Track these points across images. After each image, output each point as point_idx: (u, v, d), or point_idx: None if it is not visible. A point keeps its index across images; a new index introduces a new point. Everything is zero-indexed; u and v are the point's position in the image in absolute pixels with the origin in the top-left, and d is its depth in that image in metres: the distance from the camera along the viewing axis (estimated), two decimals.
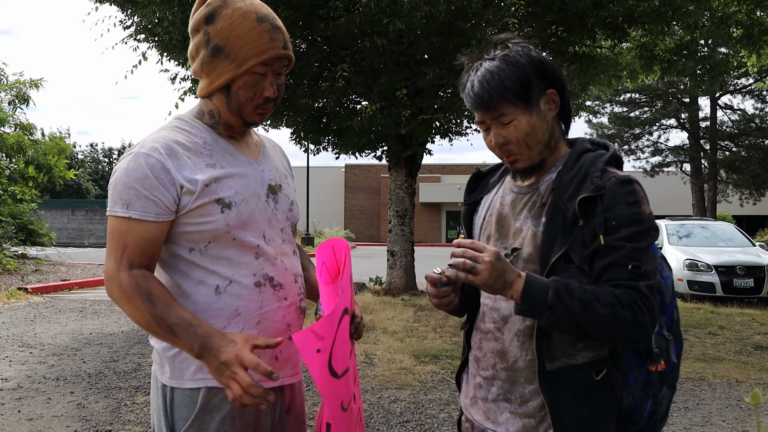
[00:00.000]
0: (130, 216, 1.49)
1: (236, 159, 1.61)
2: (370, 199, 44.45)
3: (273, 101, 1.61)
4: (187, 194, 1.51)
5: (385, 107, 9.69)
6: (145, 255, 1.51)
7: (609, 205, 1.42)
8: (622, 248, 1.40)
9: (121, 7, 9.59)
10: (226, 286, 1.55)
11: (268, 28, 1.55)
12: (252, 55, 1.53)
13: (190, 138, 1.58)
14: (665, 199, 43.23)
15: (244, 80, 1.55)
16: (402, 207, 11.32)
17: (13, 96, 18.09)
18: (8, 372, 5.87)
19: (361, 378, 5.76)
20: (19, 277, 13.39)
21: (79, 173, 44.09)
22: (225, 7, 1.55)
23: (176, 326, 1.45)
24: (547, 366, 1.48)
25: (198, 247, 1.55)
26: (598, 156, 1.52)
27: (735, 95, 31.73)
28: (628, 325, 1.37)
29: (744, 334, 8.27)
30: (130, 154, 1.53)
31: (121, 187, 1.50)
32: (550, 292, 1.38)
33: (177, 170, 1.50)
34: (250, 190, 1.59)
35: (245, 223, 1.56)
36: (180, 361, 1.56)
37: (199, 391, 1.55)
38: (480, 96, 1.50)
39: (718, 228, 14.22)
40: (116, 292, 1.50)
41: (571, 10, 9.11)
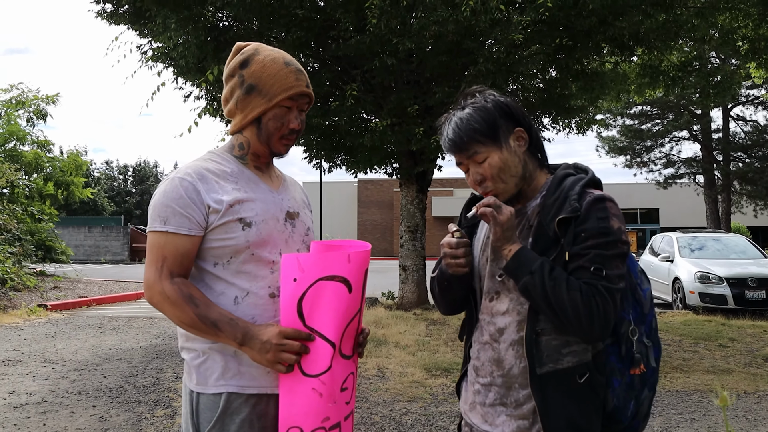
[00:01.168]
0: (167, 230, 1.72)
1: (258, 187, 1.85)
2: (382, 214, 44.61)
3: (296, 133, 1.88)
4: (213, 213, 1.73)
5: (396, 124, 9.87)
6: (182, 266, 1.74)
7: (582, 221, 1.62)
8: (587, 254, 1.59)
9: (140, 32, 9.88)
10: (243, 296, 1.76)
11: (294, 70, 1.83)
12: (281, 90, 1.80)
13: (219, 167, 1.83)
14: (679, 211, 43.03)
15: (273, 113, 1.82)
16: (413, 222, 11.47)
17: (31, 113, 18.50)
18: (32, 387, 6.07)
19: (373, 391, 5.90)
20: (39, 294, 13.65)
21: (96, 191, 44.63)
22: (257, 54, 1.85)
23: (219, 321, 1.68)
24: (537, 371, 1.65)
25: (221, 261, 1.76)
26: (578, 180, 1.72)
27: (747, 106, 31.68)
28: (582, 315, 1.55)
29: (754, 346, 8.31)
30: (167, 179, 1.78)
31: (160, 206, 1.74)
32: (537, 262, 1.60)
33: (206, 192, 1.74)
34: (269, 213, 1.81)
35: (264, 241, 1.77)
36: (205, 369, 1.76)
37: (221, 395, 1.73)
38: (453, 140, 1.74)
39: (730, 240, 14.24)
40: (158, 298, 1.72)
41: (578, 28, 9.27)
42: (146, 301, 1.79)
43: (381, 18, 8.28)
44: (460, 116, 1.75)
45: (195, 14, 8.95)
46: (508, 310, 1.72)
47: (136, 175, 63.06)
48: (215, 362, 1.75)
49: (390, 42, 8.76)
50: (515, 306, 1.71)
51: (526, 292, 1.63)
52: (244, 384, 1.74)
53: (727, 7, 10.02)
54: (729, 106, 31.07)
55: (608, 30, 9.21)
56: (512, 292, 1.72)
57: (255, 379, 1.74)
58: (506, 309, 1.72)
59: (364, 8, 8.25)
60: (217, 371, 1.74)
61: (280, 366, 1.67)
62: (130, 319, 10.84)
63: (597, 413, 1.66)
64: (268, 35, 9.76)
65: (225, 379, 1.74)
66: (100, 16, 10.16)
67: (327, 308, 1.68)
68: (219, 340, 1.71)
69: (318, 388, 1.68)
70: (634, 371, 1.69)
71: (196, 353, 1.78)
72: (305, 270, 1.66)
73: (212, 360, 1.75)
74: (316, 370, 1.68)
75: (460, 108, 1.78)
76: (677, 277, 12.67)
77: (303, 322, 1.67)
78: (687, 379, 6.48)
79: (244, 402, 1.73)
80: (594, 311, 1.55)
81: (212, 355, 1.75)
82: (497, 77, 9.05)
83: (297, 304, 1.67)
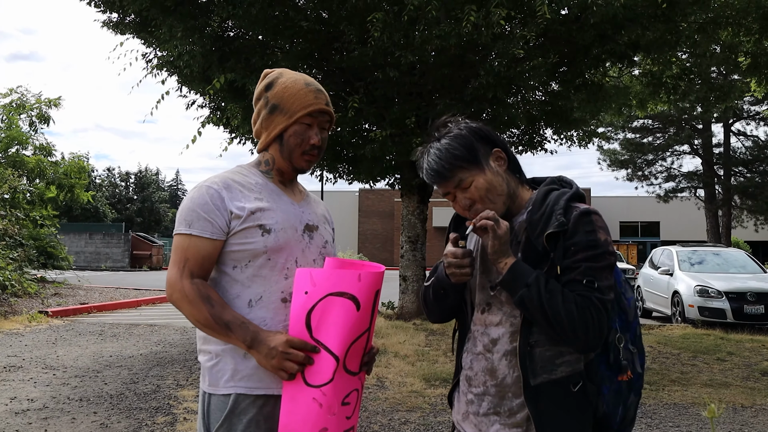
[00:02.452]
0: (191, 233, 1.83)
1: (281, 199, 1.95)
2: (383, 224, 44.69)
3: (318, 149, 1.96)
4: (235, 219, 1.84)
5: (396, 135, 9.95)
6: (202, 268, 1.84)
7: (570, 235, 1.68)
8: (578, 267, 1.65)
9: (145, 41, 9.98)
10: (257, 300, 1.85)
11: (314, 90, 1.94)
12: (300, 107, 1.91)
13: (245, 179, 1.94)
14: (679, 225, 43.09)
15: (294, 129, 1.92)
16: (414, 233, 11.53)
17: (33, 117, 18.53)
18: (34, 393, 6.10)
19: (372, 400, 5.93)
20: (40, 301, 13.69)
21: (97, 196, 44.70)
22: (280, 77, 1.97)
23: (231, 323, 1.78)
24: (531, 382, 1.69)
25: (240, 265, 1.86)
26: (562, 194, 1.77)
27: (748, 122, 31.80)
28: (578, 326, 1.61)
29: (752, 360, 8.34)
30: (196, 187, 1.91)
31: (186, 210, 1.86)
32: (532, 275, 1.65)
33: (230, 200, 1.85)
34: (288, 222, 1.91)
35: (281, 248, 1.86)
36: (216, 371, 1.84)
37: (230, 396, 1.82)
38: (436, 170, 1.79)
39: (729, 254, 14.28)
40: (177, 296, 1.82)
41: (579, 42, 9.36)
42: (167, 298, 1.87)
43: (384, 31, 8.37)
44: (438, 147, 1.80)
45: (201, 24, 9.05)
46: (501, 322, 1.77)
47: (138, 182, 63.14)
48: (226, 364, 1.83)
49: (393, 55, 8.85)
50: (508, 318, 1.76)
51: (522, 305, 1.67)
52: (252, 385, 1.81)
53: (729, 22, 10.11)
54: (730, 121, 31.20)
55: (608, 43, 9.30)
56: (504, 304, 1.77)
57: (263, 381, 1.81)
58: (499, 320, 1.77)
59: (368, 21, 8.34)
60: (228, 373, 1.83)
61: (283, 373, 1.74)
62: (131, 326, 10.88)
63: (588, 421, 1.72)
64: (272, 46, 9.86)
65: (234, 381, 1.82)
66: (106, 26, 10.26)
67: (334, 323, 1.74)
68: (229, 341, 1.79)
69: (318, 399, 1.73)
70: (621, 378, 1.76)
71: (210, 356, 1.87)
72: (317, 284, 1.74)
73: (224, 362, 1.84)
74: (319, 381, 1.73)
75: (435, 139, 1.84)
76: (677, 290, 12.71)
77: (310, 333, 1.74)
78: (685, 393, 6.51)
79: (251, 403, 1.81)
80: (589, 322, 1.61)
81: (224, 358, 1.84)
82: (498, 90, 9.13)
83: (306, 316, 1.74)
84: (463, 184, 1.78)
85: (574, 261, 1.66)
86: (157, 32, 9.31)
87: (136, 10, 9.23)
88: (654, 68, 11.34)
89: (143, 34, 10.03)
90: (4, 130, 18.17)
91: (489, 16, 8.02)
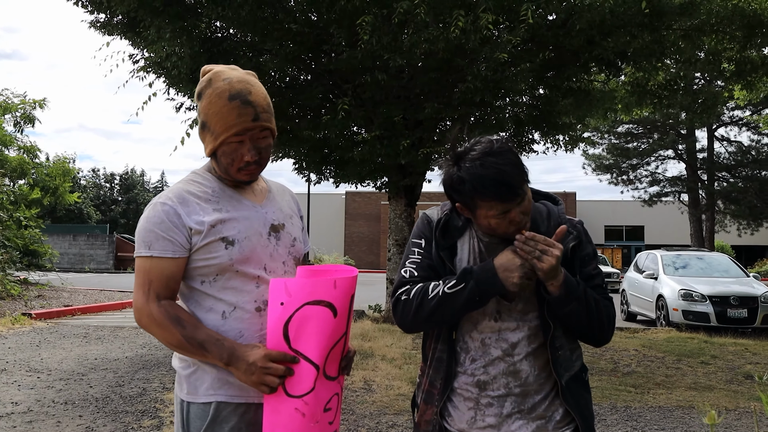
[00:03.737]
0: (152, 255, 1.77)
1: (241, 204, 1.87)
2: (370, 226, 44.66)
3: (255, 163, 1.84)
4: (196, 234, 1.78)
5: (384, 137, 9.96)
6: (168, 288, 1.79)
7: (584, 245, 1.92)
8: (598, 275, 1.92)
9: (133, 42, 9.92)
10: (231, 311, 1.81)
11: (238, 105, 1.77)
12: (223, 129, 1.79)
13: (200, 188, 1.86)
14: (664, 229, 43.45)
15: (222, 150, 1.81)
16: (401, 236, 11.54)
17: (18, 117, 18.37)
18: (18, 396, 6.04)
19: (359, 404, 5.93)
20: (23, 303, 13.55)
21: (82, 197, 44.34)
22: (208, 87, 1.83)
23: (206, 342, 1.73)
24: (562, 382, 1.86)
25: (207, 279, 1.82)
26: (560, 210, 1.96)
27: (731, 127, 32.18)
28: (609, 326, 1.88)
29: (736, 363, 8.43)
30: (150, 205, 1.83)
31: (143, 231, 1.79)
32: (580, 288, 1.80)
33: (187, 215, 1.79)
34: (252, 229, 1.84)
35: (247, 258, 1.81)
36: (195, 379, 1.82)
37: (211, 405, 1.79)
38: (510, 185, 1.72)
39: (713, 259, 14.43)
40: (146, 320, 1.77)
41: (566, 47, 9.43)
42: (137, 323, 1.82)
43: (373, 34, 8.38)
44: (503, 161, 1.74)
45: (189, 25, 9.01)
46: (519, 327, 1.87)
47: (123, 183, 62.72)
48: (205, 372, 1.80)
49: (381, 58, 8.86)
50: (522, 323, 1.87)
51: (568, 316, 1.81)
52: (233, 393, 1.78)
53: (713, 29, 10.22)
54: (714, 127, 31.55)
55: (595, 49, 9.37)
56: (513, 311, 1.86)
57: (243, 389, 1.78)
58: (516, 326, 1.87)
59: (357, 24, 8.34)
60: (207, 381, 1.80)
61: (265, 387, 1.71)
62: (116, 328, 10.80)
63: None
64: (261, 48, 9.84)
65: (214, 389, 1.79)
66: (93, 26, 10.19)
67: (312, 332, 1.73)
68: (206, 360, 1.76)
69: (301, 408, 1.72)
70: None
71: (187, 363, 1.83)
72: (292, 294, 1.71)
73: (202, 370, 1.80)
74: (300, 390, 1.72)
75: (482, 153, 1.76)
76: (661, 294, 12.82)
77: (288, 344, 1.72)
78: (669, 396, 6.57)
79: (232, 411, 1.79)
80: (614, 321, 1.90)
81: (202, 366, 1.80)
82: (486, 94, 9.17)
83: (283, 327, 1.71)
84: (524, 199, 1.78)
85: (592, 269, 1.91)
86: (145, 33, 9.25)
87: (123, 11, 9.17)
88: (639, 74, 11.44)
89: (131, 35, 9.97)
90: None
91: (477, 20, 8.05)
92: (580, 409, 1.87)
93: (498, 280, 1.75)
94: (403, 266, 1.94)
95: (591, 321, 1.82)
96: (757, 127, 30.65)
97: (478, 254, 1.89)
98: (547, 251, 1.72)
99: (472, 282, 1.76)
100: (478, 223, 1.84)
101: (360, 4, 8.40)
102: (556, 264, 1.72)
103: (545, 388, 1.86)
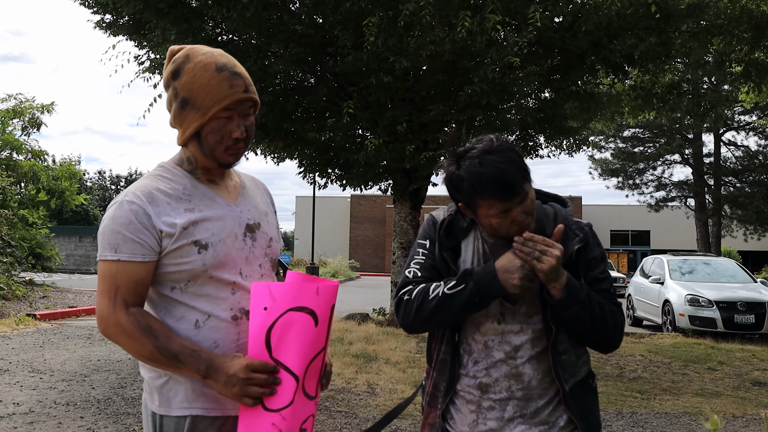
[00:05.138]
0: (119, 258, 1.62)
1: (214, 202, 1.73)
2: (375, 230, 44.66)
3: (243, 141, 1.71)
4: (166, 237, 1.64)
5: (390, 142, 9.94)
6: (137, 294, 1.64)
7: (591, 248, 1.86)
8: (605, 279, 1.86)
9: (138, 43, 9.93)
10: (204, 320, 1.67)
11: (228, 76, 1.66)
12: (214, 102, 1.65)
13: (170, 185, 1.71)
14: (670, 234, 43.26)
15: (210, 126, 1.67)
16: (406, 239, 11.50)
17: (26, 122, 18.46)
18: (20, 397, 6.02)
19: (363, 407, 5.89)
20: (28, 303, 13.56)
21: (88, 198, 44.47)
22: (187, 62, 1.69)
23: (180, 354, 1.59)
24: (566, 387, 1.82)
25: (179, 285, 1.68)
26: (568, 212, 1.91)
27: (738, 132, 32.03)
28: (616, 332, 1.82)
29: (743, 369, 8.35)
30: (115, 203, 1.67)
31: (109, 233, 1.64)
32: (583, 291, 1.75)
33: (156, 216, 1.64)
34: (226, 231, 1.71)
35: (222, 263, 1.68)
36: (167, 390, 1.68)
37: (186, 419, 1.66)
38: (509, 184, 1.69)
39: (720, 264, 14.34)
40: (112, 330, 1.62)
41: (572, 50, 9.39)
42: (101, 332, 1.67)
43: (378, 36, 8.35)
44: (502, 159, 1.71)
45: (195, 27, 9.01)
46: (522, 329, 1.83)
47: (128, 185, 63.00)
48: (178, 383, 1.67)
49: (387, 60, 8.84)
50: (526, 326, 1.83)
51: (573, 319, 1.77)
52: (209, 406, 1.67)
53: (721, 31, 10.17)
54: (720, 132, 31.40)
55: (602, 52, 9.33)
56: (517, 313, 1.82)
57: (220, 402, 1.67)
58: (519, 328, 1.83)
59: (363, 26, 8.33)
60: (181, 393, 1.67)
61: (248, 399, 1.58)
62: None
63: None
64: (266, 50, 9.83)
65: (189, 402, 1.67)
66: (99, 27, 10.20)
67: (294, 340, 1.62)
68: (181, 373, 1.63)
69: (278, 424, 1.60)
70: None
71: (158, 373, 1.69)
72: (276, 299, 1.61)
73: (175, 380, 1.67)
74: (278, 404, 1.61)
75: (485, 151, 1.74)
76: (667, 299, 12.73)
77: (270, 353, 1.61)
78: (676, 402, 6.50)
79: (209, 425, 1.68)
80: (619, 327, 1.84)
81: (175, 376, 1.67)
82: (492, 97, 9.13)
83: (266, 334, 1.60)
84: (525, 198, 1.73)
85: (599, 272, 1.85)
86: (151, 35, 9.26)
87: (129, 12, 9.18)
88: (645, 77, 11.39)
89: (136, 36, 9.99)
90: None
91: (483, 22, 8.02)
92: (584, 416, 1.82)
93: (498, 282, 1.72)
94: (407, 267, 1.93)
95: (595, 326, 1.77)
96: (764, 131, 30.54)
97: (482, 255, 1.86)
98: (547, 252, 1.67)
99: (472, 283, 1.74)
100: (480, 223, 1.82)
101: (365, 5, 8.39)
102: (557, 265, 1.68)
103: (549, 393, 1.83)
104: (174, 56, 1.74)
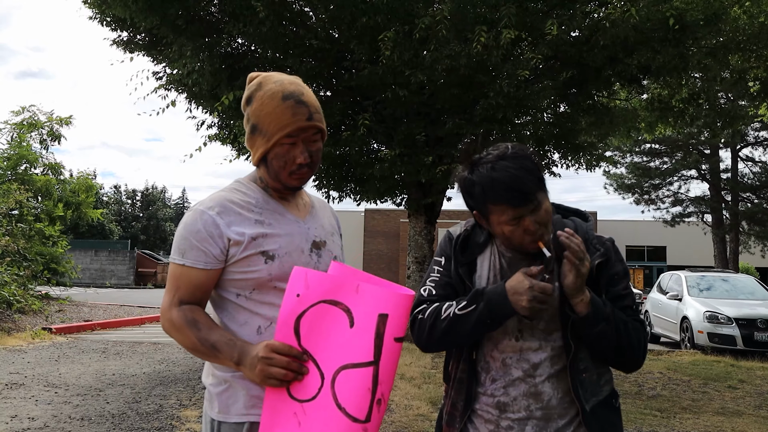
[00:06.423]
0: (184, 263, 1.73)
1: (284, 218, 1.81)
2: (389, 244, 44.57)
3: (308, 166, 1.79)
4: (234, 246, 1.72)
5: (405, 154, 9.92)
6: (194, 296, 1.74)
7: (613, 264, 1.81)
8: (628, 296, 1.81)
9: (155, 59, 10.02)
10: (267, 326, 1.73)
11: (292, 104, 1.75)
12: (277, 129, 1.74)
13: (244, 198, 1.80)
14: (686, 250, 42.84)
15: (275, 152, 1.76)
16: (421, 254, 11.45)
17: (45, 135, 18.63)
18: (35, 411, 6.01)
19: None
20: (44, 317, 13.61)
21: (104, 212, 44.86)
22: (259, 89, 1.80)
23: (217, 342, 1.67)
24: (586, 407, 1.76)
25: (243, 293, 1.75)
26: (588, 226, 1.86)
27: (756, 147, 31.71)
28: (640, 349, 1.77)
29: (764, 388, 8.18)
30: (191, 210, 1.78)
31: (180, 238, 1.76)
32: (607, 308, 1.71)
33: (227, 226, 1.73)
34: (293, 244, 1.78)
35: (286, 274, 1.70)
36: (227, 397, 1.74)
37: (244, 425, 1.71)
38: (521, 191, 1.66)
39: (738, 280, 14.14)
40: (167, 325, 1.75)
41: (589, 64, 9.35)
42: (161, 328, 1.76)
43: (394, 50, 8.37)
44: (515, 166, 1.69)
45: (211, 42, 9.08)
46: (541, 347, 1.77)
47: (144, 199, 63.38)
48: (237, 391, 1.73)
49: (402, 74, 8.85)
50: (545, 343, 1.77)
51: (597, 338, 1.71)
52: None
53: (739, 47, 10.09)
54: (738, 147, 31.15)
55: (618, 66, 9.29)
56: (536, 329, 1.77)
57: None
58: (538, 346, 1.77)
59: (378, 40, 8.35)
60: (240, 400, 1.73)
61: (273, 380, 1.58)
62: (134, 344, 10.79)
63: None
64: (282, 64, 9.88)
65: (247, 409, 1.72)
66: (116, 44, 10.31)
67: (324, 335, 1.59)
68: (219, 362, 1.70)
69: (298, 415, 1.57)
70: None
71: (218, 380, 1.76)
72: (310, 287, 1.60)
73: (234, 388, 1.73)
74: (302, 395, 1.58)
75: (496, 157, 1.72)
76: (686, 316, 12.56)
77: (298, 340, 1.59)
78: (697, 420, 6.37)
79: None
80: (645, 345, 1.80)
81: (234, 384, 1.73)
82: (507, 111, 9.10)
83: (295, 321, 1.59)
84: (538, 207, 1.70)
85: (622, 288, 1.80)
86: (167, 51, 9.34)
87: (146, 29, 9.27)
88: (663, 91, 11.32)
89: (153, 52, 10.08)
90: (14, 148, 18.25)
91: (499, 36, 8.01)
92: None
93: (508, 303, 1.69)
94: (423, 284, 1.91)
95: (621, 344, 1.71)
96: None
97: (498, 271, 1.82)
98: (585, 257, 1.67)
99: (483, 304, 1.72)
100: (494, 232, 1.78)
101: (381, 20, 8.42)
102: (584, 277, 1.67)
103: (570, 413, 1.77)
104: (250, 83, 1.84)
